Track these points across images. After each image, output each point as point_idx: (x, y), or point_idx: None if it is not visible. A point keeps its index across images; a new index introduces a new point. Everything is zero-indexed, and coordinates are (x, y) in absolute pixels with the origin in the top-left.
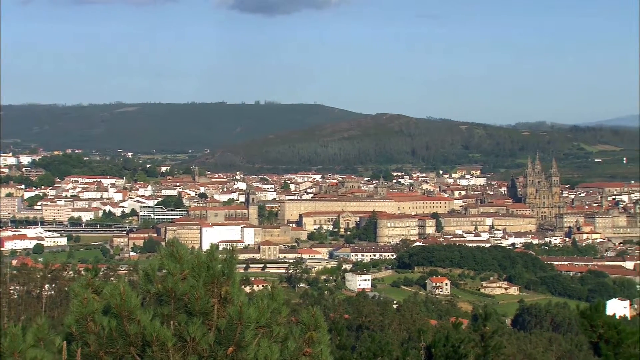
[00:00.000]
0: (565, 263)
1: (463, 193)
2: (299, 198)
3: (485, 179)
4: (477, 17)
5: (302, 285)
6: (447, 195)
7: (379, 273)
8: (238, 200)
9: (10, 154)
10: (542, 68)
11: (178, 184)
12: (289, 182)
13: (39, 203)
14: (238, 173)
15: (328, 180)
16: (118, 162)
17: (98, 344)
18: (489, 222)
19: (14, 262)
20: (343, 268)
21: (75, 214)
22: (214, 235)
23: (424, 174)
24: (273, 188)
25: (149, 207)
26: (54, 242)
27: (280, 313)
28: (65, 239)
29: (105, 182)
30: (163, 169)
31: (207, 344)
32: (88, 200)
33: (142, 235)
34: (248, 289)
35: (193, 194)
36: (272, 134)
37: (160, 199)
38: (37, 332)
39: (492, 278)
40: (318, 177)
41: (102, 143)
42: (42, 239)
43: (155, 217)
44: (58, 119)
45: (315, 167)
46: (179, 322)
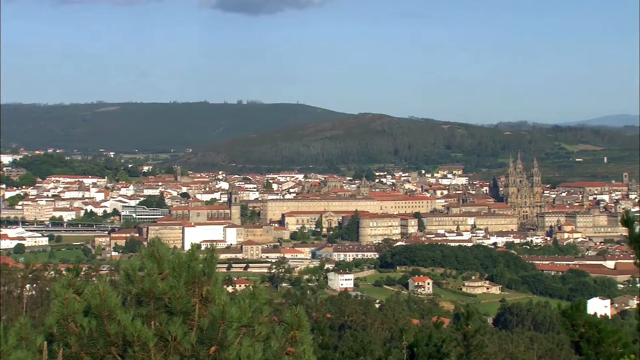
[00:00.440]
0: (547, 262)
1: (445, 193)
2: (282, 198)
3: (467, 179)
4: (460, 17)
5: (284, 285)
6: (429, 195)
7: (362, 272)
8: (220, 200)
9: None
10: (523, 68)
11: (160, 184)
12: (272, 181)
13: (20, 203)
14: (220, 173)
15: (310, 180)
16: (100, 161)
17: (79, 345)
18: (471, 221)
19: None
20: (325, 268)
21: (57, 214)
22: (196, 235)
23: (407, 174)
24: (255, 188)
25: (131, 206)
26: (35, 242)
27: (262, 312)
28: (47, 239)
29: (87, 181)
30: (145, 169)
31: (189, 344)
32: (69, 200)
33: (123, 235)
34: (230, 289)
35: (175, 194)
36: (254, 134)
37: (142, 199)
38: (19, 332)
39: (473, 277)
40: (300, 176)
41: (83, 142)
42: (23, 239)
43: (137, 216)
44: (39, 119)
45: (298, 166)
46: (160, 322)
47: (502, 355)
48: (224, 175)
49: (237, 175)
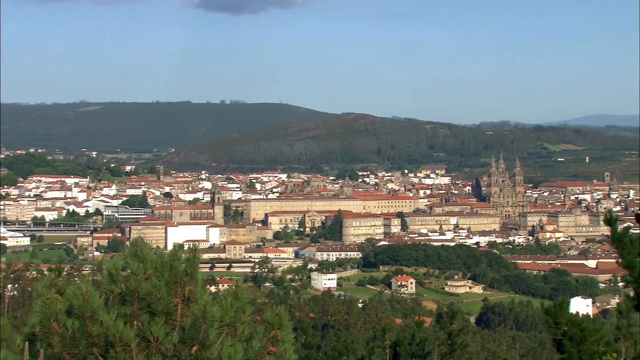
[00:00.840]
0: (529, 262)
1: (428, 192)
2: (265, 197)
3: (450, 178)
4: (442, 17)
5: (267, 285)
6: (412, 195)
7: (345, 272)
8: (203, 200)
9: None
10: (506, 68)
11: (143, 184)
12: (255, 181)
13: (2, 203)
14: (203, 172)
15: (294, 180)
16: (82, 161)
17: (62, 345)
18: (454, 221)
19: None
20: (309, 267)
21: (39, 214)
22: (179, 235)
23: (389, 173)
24: (238, 187)
25: (113, 206)
26: (17, 242)
27: (245, 312)
28: (29, 239)
29: (69, 181)
30: (127, 168)
31: (171, 344)
32: (51, 200)
33: (106, 235)
34: (214, 289)
35: (158, 194)
36: (237, 133)
37: (125, 199)
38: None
39: (456, 277)
40: (284, 176)
41: (65, 142)
42: (4, 239)
43: (120, 216)
44: (21, 118)
45: (281, 166)
46: (142, 322)
47: (484, 355)
48: (207, 175)
49: (220, 175)
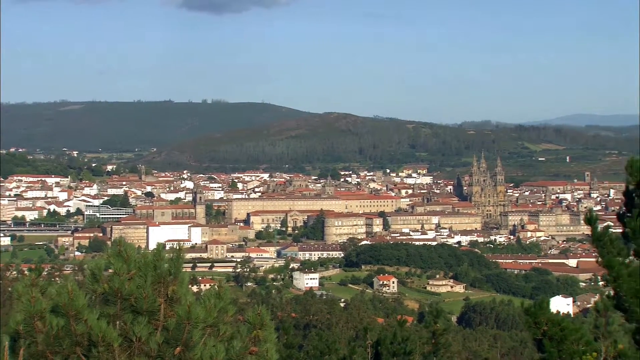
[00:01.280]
0: (510, 261)
1: (410, 192)
2: (247, 197)
3: (432, 178)
4: (424, 17)
5: (249, 284)
6: (394, 194)
7: (327, 272)
8: (185, 199)
9: None
10: (487, 67)
11: (124, 183)
12: (237, 180)
13: None
14: (185, 172)
15: (276, 179)
16: (63, 160)
17: (45, 344)
18: (435, 220)
19: None
20: (291, 267)
21: (19, 214)
22: (161, 235)
23: (371, 173)
24: (220, 187)
25: (95, 206)
26: None
27: (227, 312)
28: (9, 239)
29: (50, 181)
30: (109, 168)
31: (155, 344)
32: (32, 200)
33: (87, 235)
34: (195, 288)
35: (139, 193)
36: (219, 133)
37: (106, 198)
38: None
39: (438, 276)
40: (266, 175)
41: (46, 142)
42: None
43: (101, 216)
44: (1, 118)
45: (263, 165)
46: (125, 322)
47: (466, 354)
48: (189, 175)
49: (202, 175)
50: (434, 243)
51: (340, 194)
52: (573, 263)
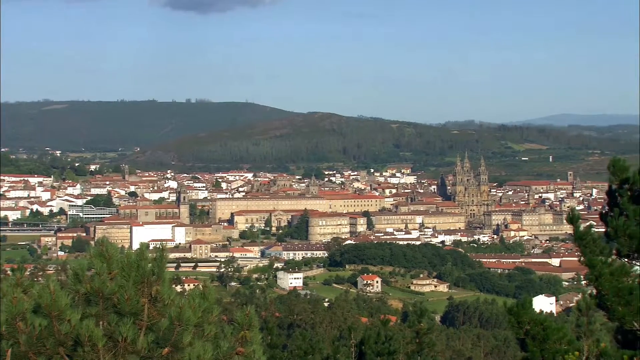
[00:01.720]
0: (493, 260)
1: (394, 191)
2: (231, 196)
3: (416, 177)
4: (407, 15)
5: (233, 284)
6: (378, 194)
7: (311, 271)
8: (169, 199)
9: None
10: (471, 67)
11: (107, 183)
12: (221, 180)
13: None
14: (169, 171)
15: (260, 179)
16: (46, 160)
17: (28, 344)
18: (419, 220)
19: None
20: (275, 266)
21: (2, 213)
22: (145, 235)
23: (355, 173)
24: (204, 186)
25: (78, 206)
26: None
27: (212, 312)
28: None
29: (33, 180)
30: (92, 168)
31: (145, 344)
32: (15, 199)
33: (70, 235)
34: (179, 288)
35: (123, 193)
36: (203, 132)
37: (90, 198)
38: None
39: (422, 275)
40: (250, 175)
41: (29, 141)
42: None
43: (84, 216)
44: None
45: (247, 165)
46: (109, 322)
47: (449, 353)
48: (173, 174)
49: (185, 174)
50: (418, 243)
51: (324, 194)
52: (556, 262)
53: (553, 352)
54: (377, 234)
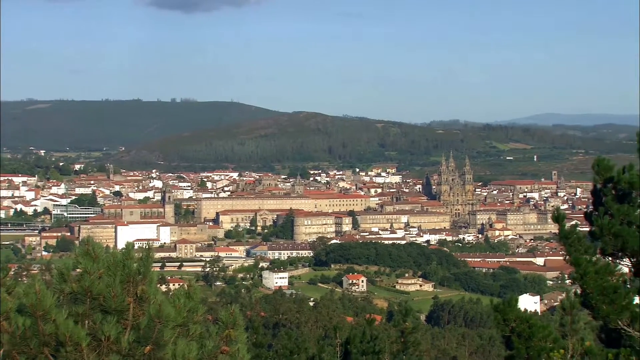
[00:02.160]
0: (478, 259)
1: (379, 191)
2: (216, 196)
3: (401, 177)
4: (392, 15)
5: (219, 284)
6: (363, 193)
7: (296, 271)
8: (154, 199)
9: None
10: (455, 67)
11: (92, 182)
12: (206, 180)
13: None
14: (154, 171)
15: (245, 178)
16: (30, 159)
17: (11, 344)
18: (405, 219)
19: None
20: (260, 266)
21: None
22: (129, 234)
23: (341, 172)
24: (190, 186)
25: (62, 205)
26: None
27: (197, 312)
28: None
29: (17, 180)
30: (77, 167)
31: (126, 343)
32: None
33: (55, 234)
34: (164, 288)
35: (108, 192)
36: (188, 132)
37: (74, 197)
38: None
39: (407, 275)
40: (235, 175)
41: (13, 140)
42: None
43: (69, 215)
44: None
45: (232, 165)
46: (94, 321)
47: (434, 352)
48: (158, 174)
49: (171, 174)
50: (403, 242)
51: (310, 193)
52: (540, 261)
53: (538, 349)
54: (362, 234)
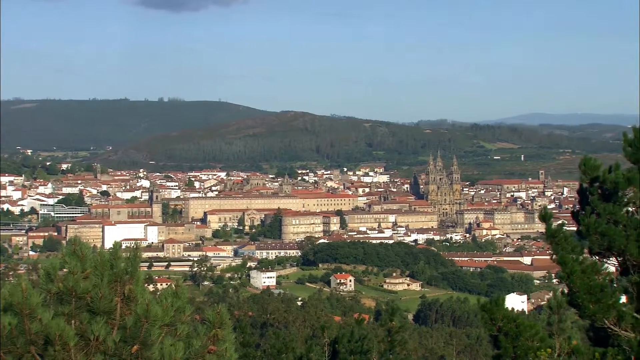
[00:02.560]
0: (466, 259)
1: (367, 190)
2: (204, 196)
3: (389, 176)
4: (381, 15)
5: (206, 284)
6: (351, 193)
7: (284, 270)
8: (141, 198)
9: None
10: (443, 67)
11: (79, 182)
12: (194, 179)
13: None
14: (141, 170)
15: (233, 178)
16: (17, 159)
17: None
18: (392, 218)
19: None
20: (248, 266)
21: None
22: (117, 234)
23: (329, 172)
24: (177, 186)
25: (49, 205)
26: None
27: (184, 311)
28: None
29: (4, 179)
30: (64, 167)
31: (112, 342)
32: None
33: (41, 234)
34: (152, 288)
35: (95, 192)
36: (176, 131)
37: (61, 197)
38: None
39: (395, 274)
40: (223, 174)
41: None
42: None
43: (56, 215)
44: None
45: (220, 164)
46: (81, 321)
47: (422, 351)
48: (145, 173)
49: (158, 173)
50: (391, 241)
51: (298, 193)
52: (527, 261)
53: (525, 349)
54: (350, 233)
